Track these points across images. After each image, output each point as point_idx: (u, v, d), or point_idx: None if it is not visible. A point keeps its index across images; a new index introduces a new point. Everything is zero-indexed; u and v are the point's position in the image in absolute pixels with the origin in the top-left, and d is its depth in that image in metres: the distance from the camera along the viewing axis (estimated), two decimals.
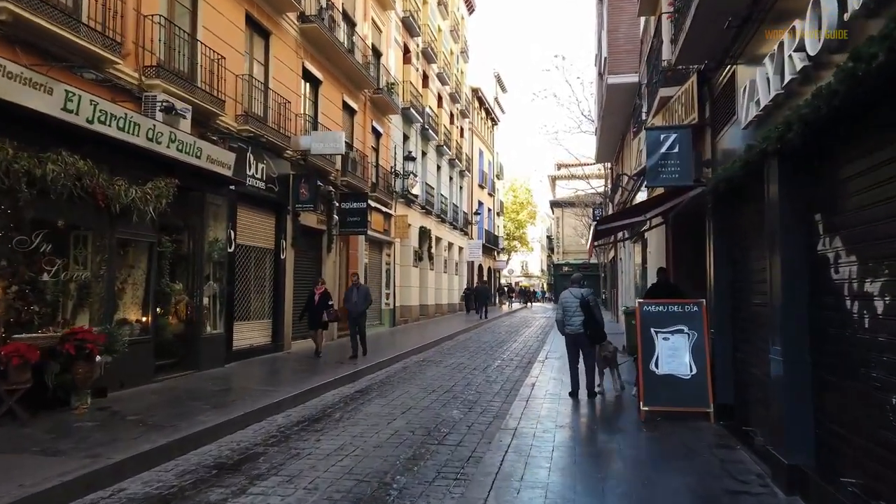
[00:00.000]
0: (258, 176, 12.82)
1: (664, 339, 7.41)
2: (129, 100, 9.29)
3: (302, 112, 15.21)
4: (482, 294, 35.05)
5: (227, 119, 11.72)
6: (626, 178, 17.03)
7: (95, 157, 8.25)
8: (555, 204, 59.41)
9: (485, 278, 45.60)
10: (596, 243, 9.82)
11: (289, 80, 14.49)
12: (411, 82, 24.66)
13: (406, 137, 24.87)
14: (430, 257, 28.16)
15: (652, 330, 7.48)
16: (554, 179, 62.41)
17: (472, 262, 39.62)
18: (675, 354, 7.33)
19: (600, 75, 23.35)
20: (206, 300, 11.15)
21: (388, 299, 21.87)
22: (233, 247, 11.96)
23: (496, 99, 49.38)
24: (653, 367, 7.39)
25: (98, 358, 7.67)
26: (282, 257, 14.02)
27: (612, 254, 30.62)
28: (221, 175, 10.96)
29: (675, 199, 8.05)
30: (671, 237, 10.77)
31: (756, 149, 5.02)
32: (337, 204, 16.97)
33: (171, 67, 10.35)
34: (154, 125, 9.13)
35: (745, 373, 6.73)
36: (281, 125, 13.85)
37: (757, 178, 5.34)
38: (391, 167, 22.38)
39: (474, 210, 39.57)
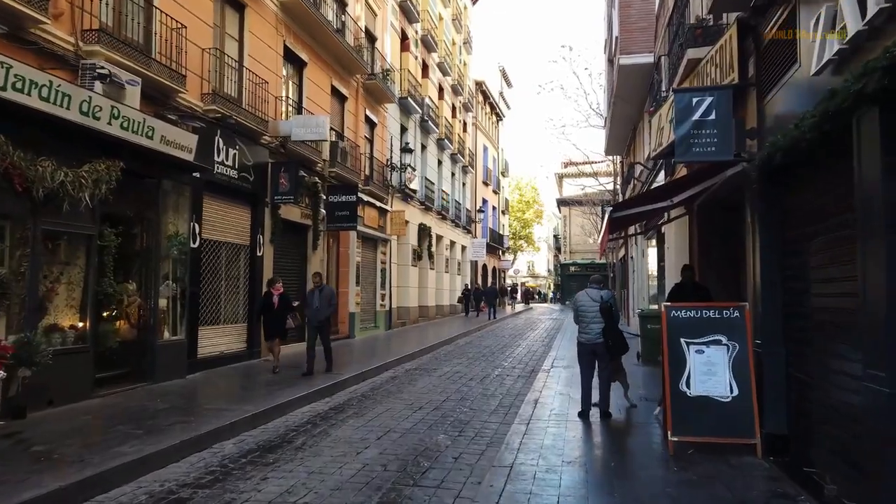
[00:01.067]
0: (229, 163, 11.45)
1: (698, 351, 5.97)
2: (61, 67, 7.94)
3: (283, 95, 13.83)
4: (490, 294, 33.93)
5: (189, 97, 10.35)
6: (639, 168, 15.59)
7: (15, 134, 6.90)
8: (562, 202, 57.89)
9: (488, 278, 44.16)
10: (610, 236, 8.36)
11: (267, 59, 13.12)
12: (409, 70, 23.27)
13: (404, 129, 23.48)
14: (431, 256, 26.76)
15: (682, 341, 6.04)
16: (561, 177, 60.91)
17: (476, 262, 38.18)
18: (711, 371, 5.89)
19: (610, 61, 21.92)
20: (163, 302, 9.78)
21: (383, 300, 20.48)
22: (197, 242, 10.60)
23: (501, 94, 47.95)
24: (683, 386, 5.95)
25: (2, 373, 6.30)
26: (258, 254, 12.65)
27: (622, 252, 29.12)
28: (181, 160, 9.60)
29: (708, 180, 6.61)
30: (696, 230, 9.32)
31: (843, 95, 3.59)
32: (324, 197, 15.59)
33: (119, 35, 8.99)
34: (90, 97, 7.77)
35: (806, 396, 5.29)
36: (257, 108, 12.49)
37: (836, 142, 3.92)
38: (387, 160, 21.00)
39: (478, 208, 38.14)
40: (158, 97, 9.64)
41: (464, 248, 34.59)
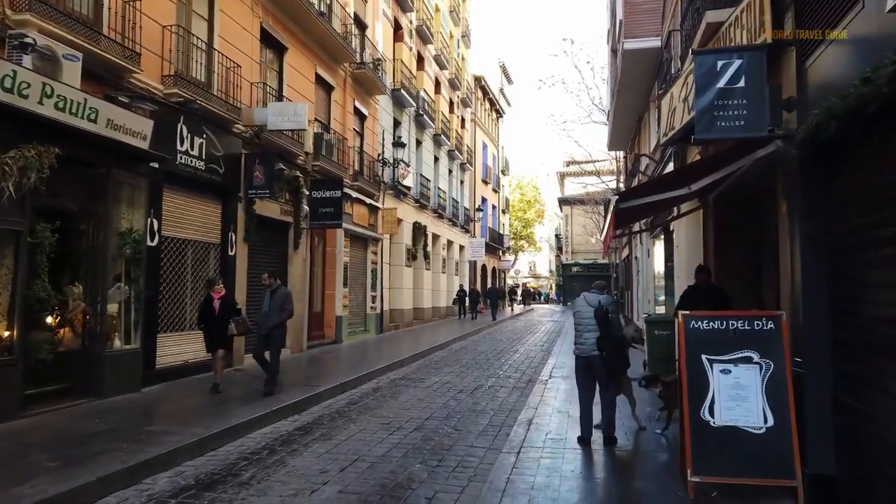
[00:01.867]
0: (195, 153, 10.40)
1: (723, 371, 4.90)
2: None
3: (260, 81, 12.78)
4: (492, 295, 33.03)
5: (146, 78, 9.31)
6: (645, 161, 14.53)
7: None
8: (563, 201, 56.81)
9: (488, 279, 43.09)
10: (616, 233, 7.27)
11: (242, 42, 12.07)
12: (403, 61, 22.21)
13: (397, 123, 22.42)
14: (426, 256, 25.69)
15: (704, 358, 4.96)
16: (563, 176, 59.83)
17: (475, 262, 37.10)
18: (740, 395, 4.82)
19: (613, 51, 20.84)
20: (113, 307, 8.73)
21: (374, 303, 19.42)
22: (156, 239, 9.55)
23: (501, 90, 46.89)
24: (705, 414, 4.88)
25: None
26: (230, 253, 11.60)
27: (625, 252, 28.04)
28: (134, 147, 8.56)
29: (733, 163, 5.54)
30: (712, 225, 8.25)
31: None
32: (307, 192, 14.54)
33: (59, 5, 7.95)
34: (14, 72, 6.73)
35: (860, 428, 4.22)
36: (229, 94, 11.45)
37: None
38: (378, 155, 19.94)
39: (477, 206, 37.06)
40: (108, 77, 8.59)
41: (462, 247, 33.52)
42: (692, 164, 6.10)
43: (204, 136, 10.64)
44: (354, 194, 17.39)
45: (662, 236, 14.56)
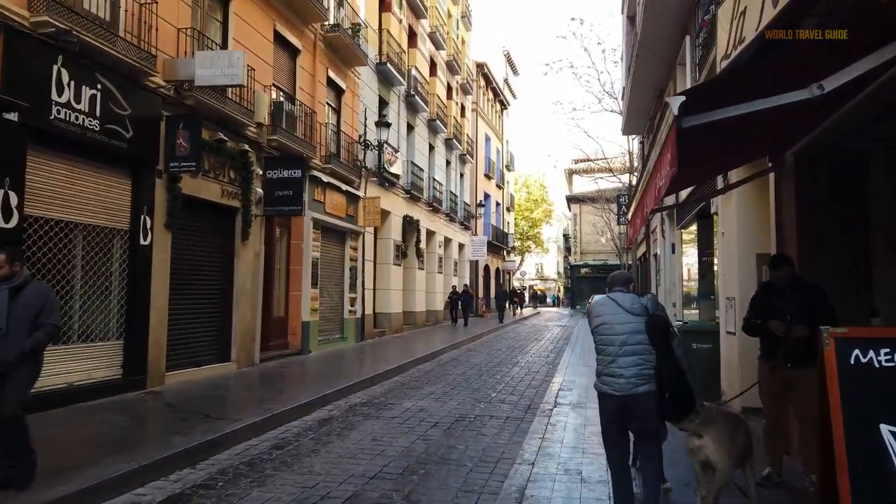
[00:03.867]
0: (82, 108, 7.82)
1: None
2: None
3: (190, 27, 10.20)
4: (500, 297, 31.06)
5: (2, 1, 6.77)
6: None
7: None
8: (572, 199, 54.06)
9: (491, 280, 40.44)
10: (655, 203, 4.54)
11: None
12: (390, 32, 19.61)
13: (384, 103, 19.84)
14: (419, 254, 23.08)
15: (886, 430, 2.31)
16: (571, 173, 57.12)
17: (476, 262, 34.44)
18: None
19: (630, 18, 18.21)
20: None
21: (352, 306, 16.81)
22: (14, 219, 6.96)
23: (506, 80, 44.31)
24: None
25: None
26: (144, 242, 9.01)
27: (640, 250, 25.34)
28: None
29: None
30: (795, 198, 5.59)
31: None
32: (260, 172, 11.97)
33: None
34: None
35: None
36: (143, 38, 8.89)
37: None
38: (360, 136, 17.36)
39: (478, 202, 34.42)
40: None
41: (462, 246, 30.88)
42: (810, 48, 3.33)
43: (99, 87, 8.06)
44: (326, 179, 14.80)
45: (695, 224, 11.89)
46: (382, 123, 17.37)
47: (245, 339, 11.50)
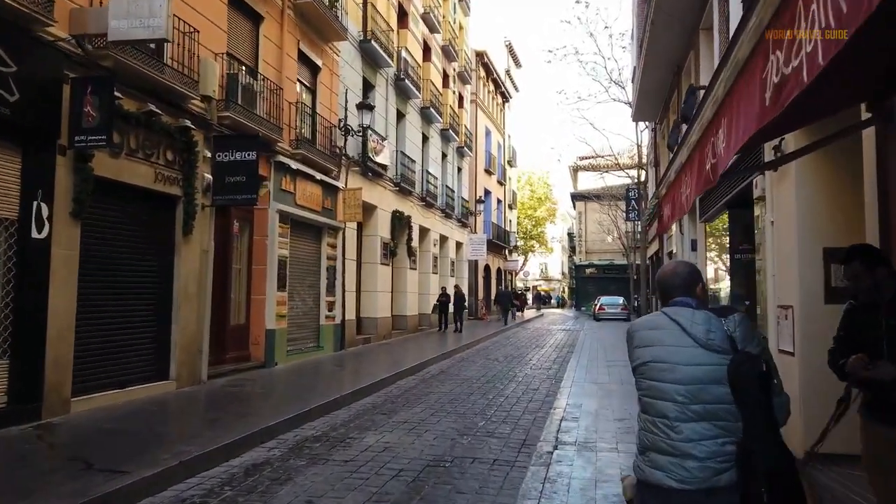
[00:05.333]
0: None
1: None
2: None
3: None
4: (504, 299, 30.17)
5: None
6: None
7: None
8: (577, 196, 52.12)
9: (492, 281, 38.55)
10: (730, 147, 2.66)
11: None
12: (375, 7, 17.72)
13: (370, 85, 17.97)
14: (411, 252, 21.20)
15: None
16: (576, 170, 55.19)
17: (476, 262, 32.55)
18: None
19: None
20: None
21: (330, 311, 14.95)
22: None
23: (508, 72, 42.42)
24: None
25: None
26: (37, 236, 7.15)
27: (652, 248, 23.41)
28: None
29: None
30: None
31: None
32: (208, 154, 10.13)
33: None
34: None
35: None
36: None
37: None
38: (340, 121, 15.50)
39: (478, 198, 32.53)
40: None
41: (459, 244, 28.99)
42: None
43: None
44: (296, 166, 12.93)
45: (724, 215, 9.98)
46: (365, 105, 15.51)
47: (188, 352, 9.65)
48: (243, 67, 11.48)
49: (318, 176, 14.00)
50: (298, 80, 13.70)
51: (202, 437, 6.55)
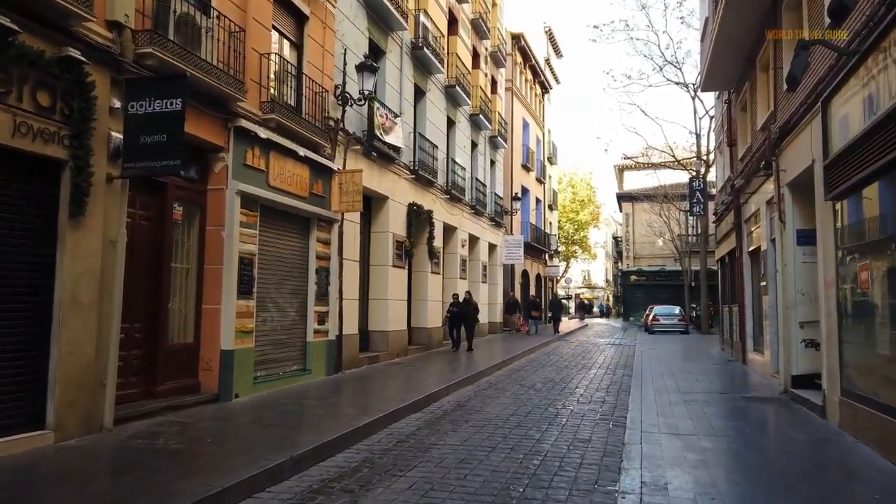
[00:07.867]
0: None
1: None
2: None
3: None
4: (556, 308, 29.57)
5: None
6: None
7: None
8: (624, 197, 48.22)
9: (531, 288, 35.09)
10: None
11: None
12: None
13: (378, 50, 14.92)
14: (432, 254, 17.99)
15: None
16: (622, 170, 51.22)
17: (511, 266, 29.17)
18: None
19: None
20: None
21: (321, 324, 11.84)
22: None
23: (547, 61, 39.11)
24: None
25: None
26: None
27: (724, 248, 19.70)
28: None
29: None
30: None
31: None
32: (118, 104, 7.14)
33: None
34: None
35: None
36: None
37: None
38: (337, 87, 12.46)
39: (514, 195, 29.20)
40: None
41: (493, 247, 25.70)
42: None
43: None
44: (265, 135, 9.89)
45: (874, 185, 6.49)
46: (366, 67, 12.43)
47: (78, 387, 6.64)
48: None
49: (302, 152, 10.94)
50: (275, 27, 10.70)
51: None
